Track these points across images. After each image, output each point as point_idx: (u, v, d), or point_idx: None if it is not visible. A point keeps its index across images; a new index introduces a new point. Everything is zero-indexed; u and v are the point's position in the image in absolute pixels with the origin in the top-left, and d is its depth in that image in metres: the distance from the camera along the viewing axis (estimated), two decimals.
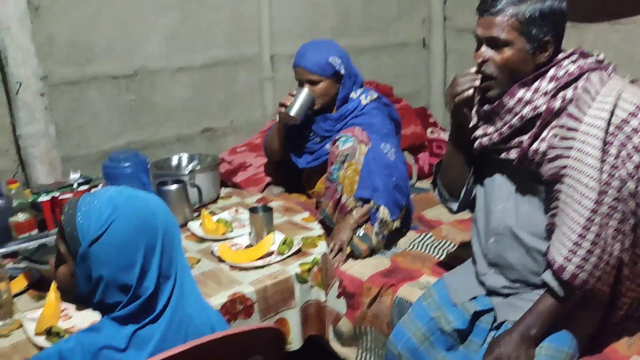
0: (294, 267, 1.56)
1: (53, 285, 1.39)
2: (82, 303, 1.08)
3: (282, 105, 2.08)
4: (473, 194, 1.58)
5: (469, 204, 1.60)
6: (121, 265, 0.98)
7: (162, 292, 1.02)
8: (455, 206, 1.60)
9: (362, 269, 1.93)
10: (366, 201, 1.97)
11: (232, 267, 1.57)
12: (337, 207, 2.01)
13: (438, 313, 1.51)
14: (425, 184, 2.61)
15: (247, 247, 1.68)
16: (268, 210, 1.70)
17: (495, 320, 1.46)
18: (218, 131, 2.71)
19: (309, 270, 1.57)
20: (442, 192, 1.63)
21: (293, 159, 2.24)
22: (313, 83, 2.07)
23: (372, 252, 2.00)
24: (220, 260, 1.60)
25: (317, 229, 1.83)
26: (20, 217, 1.69)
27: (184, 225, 1.89)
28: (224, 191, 2.23)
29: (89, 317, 1.33)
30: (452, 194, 1.60)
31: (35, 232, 1.72)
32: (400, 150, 2.16)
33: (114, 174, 1.77)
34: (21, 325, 1.33)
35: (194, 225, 1.86)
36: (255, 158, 2.56)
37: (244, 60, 2.70)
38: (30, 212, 1.73)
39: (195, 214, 1.94)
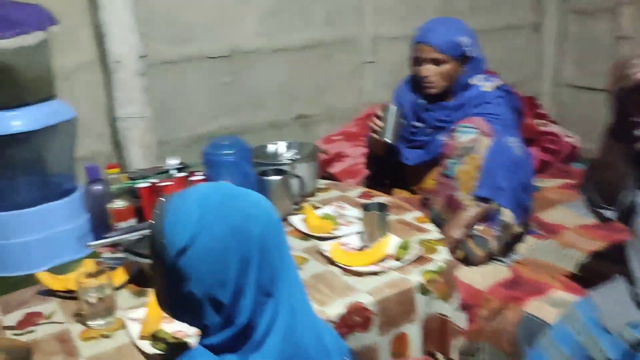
0: (415, 276, 1.37)
1: None
2: (176, 318, 0.91)
3: (373, 131, 1.90)
4: (631, 202, 1.33)
5: (625, 213, 1.36)
6: (212, 282, 0.82)
7: (262, 313, 0.84)
8: (611, 214, 1.35)
9: (479, 278, 1.72)
10: (485, 201, 1.75)
11: (345, 270, 1.41)
12: (448, 204, 1.80)
13: (586, 339, 1.28)
14: (538, 181, 2.35)
15: (361, 249, 1.51)
16: (383, 208, 1.52)
17: None
18: (312, 118, 2.55)
19: (433, 279, 1.38)
20: (592, 197, 1.39)
21: (400, 155, 2.05)
22: (436, 62, 1.86)
23: (489, 258, 1.78)
24: (331, 262, 1.44)
25: (434, 231, 1.63)
26: (119, 204, 1.59)
27: (284, 219, 1.74)
28: (320, 183, 2.07)
29: None
30: (606, 199, 1.36)
31: (132, 220, 1.62)
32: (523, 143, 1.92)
33: (215, 161, 1.64)
34: (123, 326, 1.22)
35: (296, 220, 1.71)
36: (352, 148, 2.39)
37: (343, 41, 2.52)
38: (128, 199, 1.63)
39: (294, 207, 1.79)
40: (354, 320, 1.27)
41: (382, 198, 1.89)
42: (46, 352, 1.15)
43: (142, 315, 1.24)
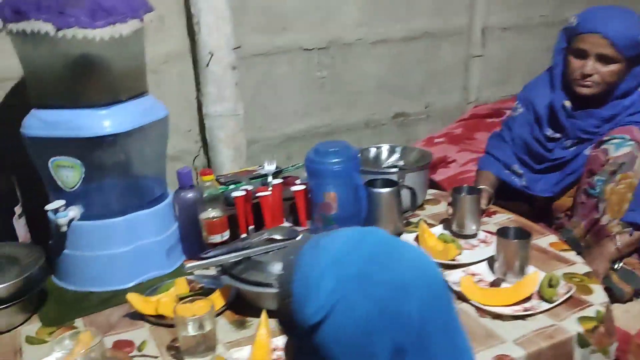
0: (572, 324, 1.12)
1: (264, 317, 1.08)
2: None
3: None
4: None
5: None
6: None
7: None
8: None
9: (626, 319, 1.44)
10: (638, 228, 1.46)
11: (481, 311, 1.17)
12: (590, 229, 1.53)
13: None
14: None
15: (494, 283, 1.27)
16: (526, 236, 1.26)
17: None
18: (411, 117, 2.31)
19: (594, 329, 1.12)
20: None
21: (524, 184, 1.75)
22: (605, 60, 1.54)
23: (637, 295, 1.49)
24: (462, 298, 1.21)
25: (579, 262, 1.36)
26: (212, 213, 1.42)
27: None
28: (428, 193, 1.82)
29: None
30: None
31: (227, 233, 1.44)
32: None
33: (320, 170, 1.43)
34: None
35: (410, 240, 1.48)
36: (459, 153, 2.14)
37: (449, 32, 2.26)
38: (222, 208, 1.45)
39: (404, 223, 1.57)
40: None
41: (503, 215, 1.63)
42: None
43: (246, 356, 1.05)
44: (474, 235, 1.50)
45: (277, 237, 1.30)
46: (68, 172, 1.29)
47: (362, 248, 0.64)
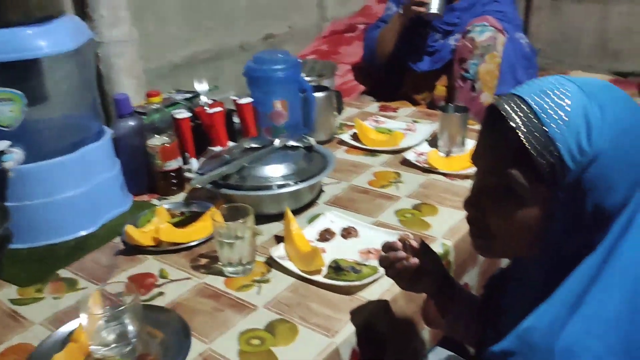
0: None
1: (289, 214, 1.10)
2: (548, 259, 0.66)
3: (418, 3, 1.79)
4: None
5: None
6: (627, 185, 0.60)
7: None
8: None
9: None
10: None
11: (451, 176, 1.35)
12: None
13: None
14: None
15: (447, 155, 1.45)
16: (463, 110, 1.46)
17: None
18: (278, 37, 2.35)
19: None
20: None
21: (410, 64, 1.98)
22: None
23: None
24: (430, 170, 1.37)
25: None
26: (161, 140, 1.32)
27: (331, 139, 1.61)
28: None
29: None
30: None
31: (180, 159, 1.37)
32: None
33: (267, 78, 1.42)
34: (269, 269, 1.04)
35: (348, 138, 1.59)
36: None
37: None
38: (167, 134, 1.36)
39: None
40: None
41: (411, 108, 1.84)
42: (204, 313, 0.94)
43: (283, 250, 1.07)
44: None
45: (255, 145, 1.29)
46: (6, 107, 1.08)
47: (594, 81, 0.64)
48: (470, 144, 1.45)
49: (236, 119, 1.52)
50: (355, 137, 1.59)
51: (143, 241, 1.11)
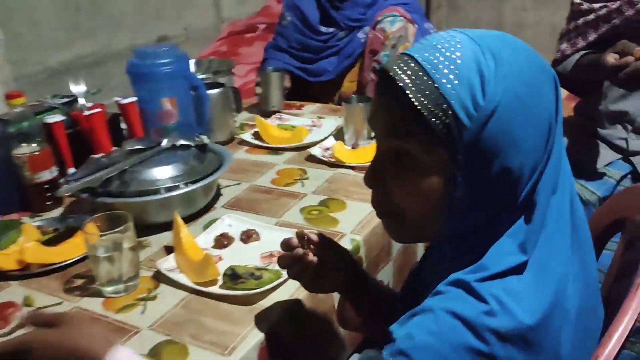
0: None
1: (179, 220, 0.97)
2: (451, 235, 0.61)
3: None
4: None
5: None
6: (527, 148, 0.54)
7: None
8: None
9: None
10: None
11: (358, 169, 1.27)
12: None
13: None
14: None
15: (353, 147, 1.37)
16: (367, 100, 1.39)
17: None
18: (173, 39, 2.20)
19: None
20: None
21: (313, 79, 1.87)
22: None
23: None
24: (337, 165, 1.28)
25: None
26: (29, 148, 1.15)
27: (231, 139, 1.49)
28: None
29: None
30: None
31: (55, 169, 1.19)
32: None
33: (152, 74, 1.28)
34: (157, 284, 0.90)
35: (249, 137, 1.47)
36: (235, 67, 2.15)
37: None
38: (37, 142, 1.18)
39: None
40: None
41: (313, 106, 1.75)
42: None
43: (173, 261, 0.93)
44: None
45: (140, 147, 1.14)
46: None
47: (485, 36, 0.57)
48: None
49: (124, 125, 1.37)
50: (257, 136, 1.47)
51: (4, 265, 0.94)
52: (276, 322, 0.81)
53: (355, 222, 1.05)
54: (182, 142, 1.16)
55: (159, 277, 0.91)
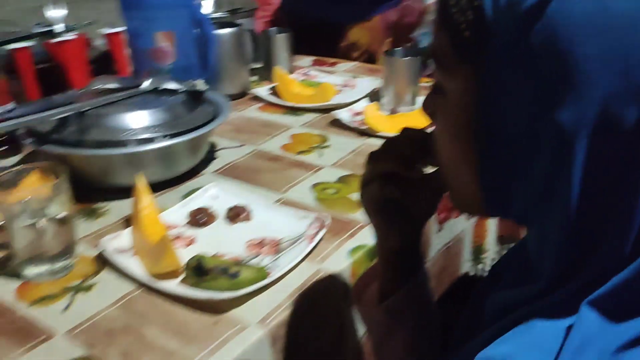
0: None
1: (142, 183, 0.72)
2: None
3: None
4: None
5: None
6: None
7: None
8: None
9: None
10: None
11: None
12: None
13: None
14: None
15: (392, 112, 1.09)
16: (413, 54, 1.10)
17: None
18: None
19: None
20: None
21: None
22: None
23: None
24: (368, 133, 1.00)
25: None
26: None
27: (243, 95, 1.22)
28: None
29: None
30: None
31: (11, 104, 0.96)
32: None
33: (148, 4, 1.02)
34: (100, 266, 0.65)
35: (264, 92, 1.20)
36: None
37: None
38: None
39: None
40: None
41: (351, 63, 1.46)
42: None
43: (128, 243, 0.68)
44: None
45: (114, 87, 0.89)
46: None
47: None
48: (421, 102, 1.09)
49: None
50: (274, 91, 1.20)
51: None
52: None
53: None
54: (170, 86, 0.91)
55: (104, 260, 0.66)
